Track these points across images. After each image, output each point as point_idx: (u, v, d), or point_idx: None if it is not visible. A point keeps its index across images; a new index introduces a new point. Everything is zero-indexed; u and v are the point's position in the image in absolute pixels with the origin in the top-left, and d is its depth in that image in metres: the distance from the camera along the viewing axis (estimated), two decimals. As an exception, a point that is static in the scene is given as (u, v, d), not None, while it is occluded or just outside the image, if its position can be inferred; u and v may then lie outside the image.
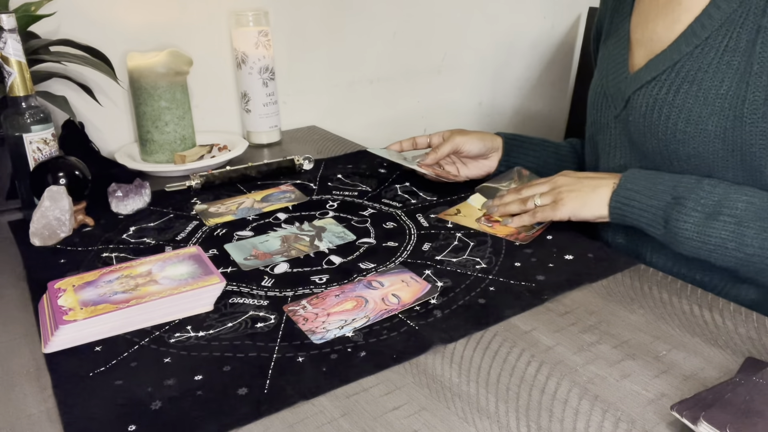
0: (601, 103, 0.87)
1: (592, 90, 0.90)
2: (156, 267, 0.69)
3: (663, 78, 0.76)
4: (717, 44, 0.72)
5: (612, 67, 0.85)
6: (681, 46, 0.75)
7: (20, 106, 0.82)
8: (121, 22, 1.11)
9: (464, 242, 0.78)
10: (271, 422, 0.50)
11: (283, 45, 1.29)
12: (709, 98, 0.71)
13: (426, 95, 1.56)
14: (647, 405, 0.50)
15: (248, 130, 1.23)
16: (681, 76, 0.74)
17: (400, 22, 1.44)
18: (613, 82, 0.84)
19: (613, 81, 0.84)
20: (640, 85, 0.78)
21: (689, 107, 0.73)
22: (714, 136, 0.71)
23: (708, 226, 0.69)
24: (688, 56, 0.74)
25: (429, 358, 0.57)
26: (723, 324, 0.61)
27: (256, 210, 0.89)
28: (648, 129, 0.77)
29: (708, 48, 0.72)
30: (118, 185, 0.89)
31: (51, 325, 0.60)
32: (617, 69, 0.84)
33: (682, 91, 0.74)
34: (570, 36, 1.75)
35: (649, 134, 0.77)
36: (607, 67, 0.87)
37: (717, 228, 0.68)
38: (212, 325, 0.62)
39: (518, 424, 0.49)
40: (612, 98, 0.84)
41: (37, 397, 0.53)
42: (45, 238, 0.79)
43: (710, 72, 0.72)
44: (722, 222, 0.68)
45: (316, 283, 0.69)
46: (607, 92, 0.85)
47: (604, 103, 0.86)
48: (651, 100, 0.76)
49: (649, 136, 0.77)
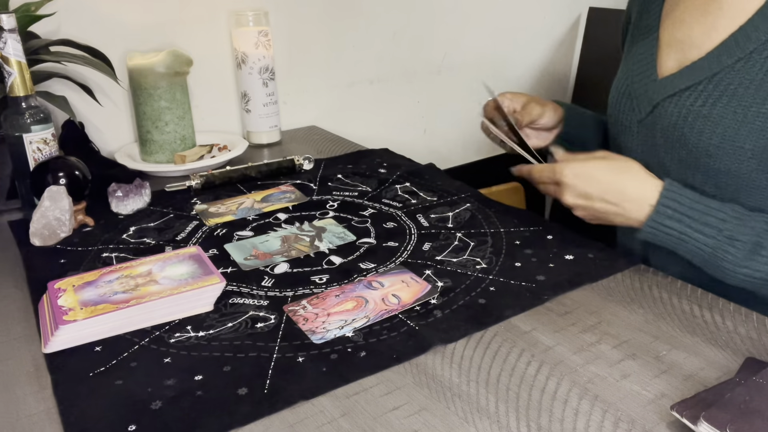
0: (624, 105, 0.83)
1: (615, 89, 0.85)
2: (156, 267, 0.69)
3: (699, 89, 0.71)
4: (763, 59, 0.67)
5: (638, 67, 0.81)
6: (721, 57, 0.70)
7: (20, 106, 0.82)
8: (121, 22, 1.11)
9: (464, 242, 0.78)
10: (271, 422, 0.50)
11: (283, 45, 1.29)
12: (749, 116, 0.67)
13: (426, 95, 1.55)
14: (647, 405, 0.50)
15: (248, 130, 1.23)
16: (720, 89, 0.69)
17: (400, 22, 1.44)
18: (639, 83, 0.80)
19: (640, 83, 0.80)
20: (672, 93, 0.74)
21: (726, 123, 0.68)
22: (750, 155, 0.67)
23: (754, 260, 0.65)
24: (729, 69, 0.69)
25: (429, 358, 0.57)
26: (723, 324, 0.61)
27: (256, 210, 0.89)
28: (678, 140, 0.73)
29: (752, 63, 0.67)
30: (118, 185, 0.89)
31: (51, 325, 0.60)
32: (644, 70, 0.80)
33: (720, 105, 0.69)
34: (570, 36, 1.75)
35: (678, 145, 0.73)
36: (633, 67, 0.82)
37: (762, 262, 0.65)
38: (212, 325, 0.62)
39: (518, 424, 0.49)
40: (637, 101, 0.80)
41: (37, 397, 0.53)
42: (45, 238, 0.79)
43: (752, 89, 0.67)
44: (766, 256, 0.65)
45: (316, 283, 0.69)
46: (632, 94, 0.81)
47: (628, 104, 0.82)
48: (684, 110, 0.72)
49: (677, 146, 0.73)
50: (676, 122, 0.73)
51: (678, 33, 0.76)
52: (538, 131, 0.92)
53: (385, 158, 1.10)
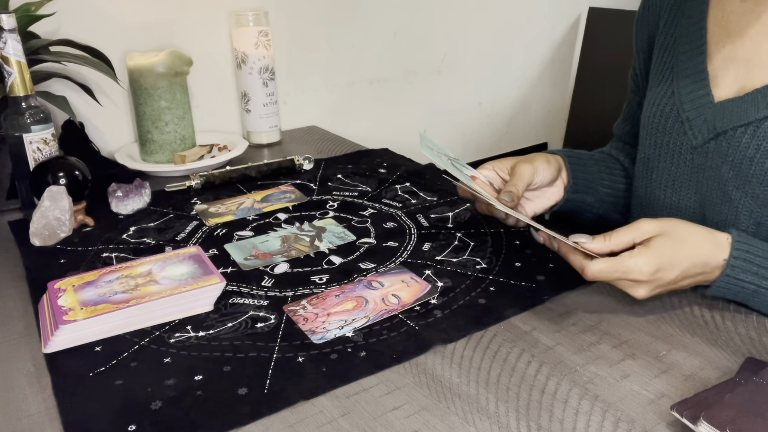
0: (672, 127, 0.73)
1: (656, 106, 0.76)
2: (156, 267, 0.69)
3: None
4: None
5: (686, 84, 0.72)
6: None
7: (20, 106, 0.82)
8: (121, 22, 1.11)
9: (464, 242, 0.78)
10: (271, 422, 0.50)
11: (283, 45, 1.29)
12: None
13: (426, 95, 1.56)
14: (647, 405, 0.50)
15: (248, 130, 1.23)
16: None
17: (400, 22, 1.44)
18: (691, 105, 0.71)
19: (692, 104, 0.71)
20: (746, 122, 0.66)
21: None
22: None
23: None
24: None
25: (429, 358, 0.57)
26: (723, 324, 0.61)
27: (256, 210, 0.89)
28: (756, 175, 0.65)
29: None
30: (118, 185, 0.89)
31: (51, 325, 0.60)
32: (695, 89, 0.72)
33: None
34: (570, 36, 1.75)
35: (755, 180, 0.66)
36: (679, 83, 0.73)
37: None
38: (212, 325, 0.62)
39: (518, 424, 0.49)
40: (689, 125, 0.71)
41: (37, 397, 0.53)
42: (45, 238, 0.79)
43: None
44: None
45: (316, 283, 0.69)
46: (683, 116, 0.72)
47: (678, 128, 0.72)
48: (764, 143, 0.64)
49: (753, 182, 0.66)
50: (754, 156, 0.65)
51: (739, 48, 0.68)
52: (537, 191, 0.78)
53: (385, 158, 1.10)
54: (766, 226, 0.68)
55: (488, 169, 0.77)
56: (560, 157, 0.79)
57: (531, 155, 0.78)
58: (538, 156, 0.77)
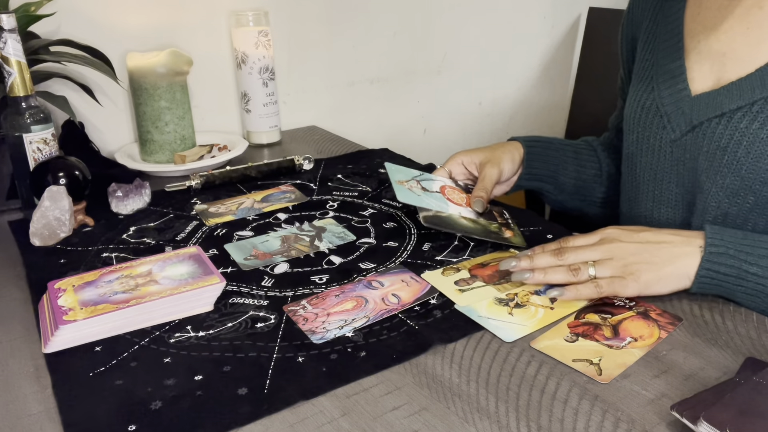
0: (652, 122, 0.75)
1: (636, 102, 0.78)
2: (156, 267, 0.69)
3: (755, 110, 0.64)
4: None
5: (665, 80, 0.74)
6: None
7: (20, 106, 0.82)
8: (121, 22, 1.11)
9: (464, 242, 0.78)
10: (271, 422, 0.50)
11: (283, 45, 1.29)
12: None
13: (426, 95, 1.56)
14: (647, 405, 0.50)
15: (248, 130, 1.23)
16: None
17: (400, 22, 1.44)
18: (669, 99, 0.73)
19: (670, 99, 0.73)
20: (719, 114, 0.67)
21: None
22: None
23: None
24: None
25: (429, 358, 0.57)
26: (723, 324, 0.61)
27: (256, 210, 0.89)
28: (727, 165, 0.67)
29: None
30: (118, 185, 0.89)
31: (51, 325, 0.60)
32: (673, 84, 0.73)
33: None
34: (570, 36, 1.75)
35: (727, 170, 0.67)
36: (658, 79, 0.75)
37: None
38: (212, 325, 0.62)
39: (518, 424, 0.49)
40: (668, 118, 0.73)
41: (37, 397, 0.53)
42: (45, 238, 0.79)
43: None
44: None
45: (316, 283, 0.69)
46: (662, 110, 0.74)
47: (657, 122, 0.74)
48: (737, 133, 0.65)
49: (725, 171, 0.67)
50: (727, 146, 0.67)
51: (714, 42, 0.70)
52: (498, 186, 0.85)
53: (385, 158, 1.10)
54: (733, 217, 0.69)
55: (457, 163, 0.85)
56: (522, 149, 0.86)
57: (498, 150, 0.84)
58: (504, 153, 0.84)
